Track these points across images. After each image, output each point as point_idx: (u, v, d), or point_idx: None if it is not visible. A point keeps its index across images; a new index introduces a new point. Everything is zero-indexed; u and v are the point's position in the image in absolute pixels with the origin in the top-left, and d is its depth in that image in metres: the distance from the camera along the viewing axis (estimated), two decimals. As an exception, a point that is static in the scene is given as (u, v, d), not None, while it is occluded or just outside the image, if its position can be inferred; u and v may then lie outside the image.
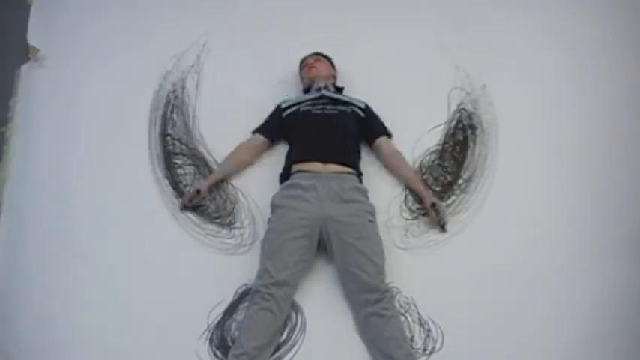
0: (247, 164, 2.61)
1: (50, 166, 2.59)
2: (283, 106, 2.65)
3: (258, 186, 2.54)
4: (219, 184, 2.56)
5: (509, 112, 2.68)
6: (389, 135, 2.63)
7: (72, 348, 2.25)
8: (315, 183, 2.36)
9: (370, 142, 2.62)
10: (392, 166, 2.58)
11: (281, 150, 2.57)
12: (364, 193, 2.43)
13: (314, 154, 2.44)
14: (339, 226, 2.30)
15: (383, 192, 2.51)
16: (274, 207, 2.39)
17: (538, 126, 2.66)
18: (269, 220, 2.39)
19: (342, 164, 2.43)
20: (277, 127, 2.62)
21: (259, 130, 2.63)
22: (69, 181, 2.57)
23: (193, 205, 2.51)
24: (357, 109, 2.61)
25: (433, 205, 2.44)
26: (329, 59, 2.76)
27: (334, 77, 2.75)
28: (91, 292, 2.36)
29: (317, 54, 2.75)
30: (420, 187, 2.49)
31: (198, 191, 2.48)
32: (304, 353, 2.22)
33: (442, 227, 2.46)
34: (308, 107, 2.58)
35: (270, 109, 2.68)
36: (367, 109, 2.64)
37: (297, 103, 2.62)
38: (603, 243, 2.43)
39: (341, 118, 2.55)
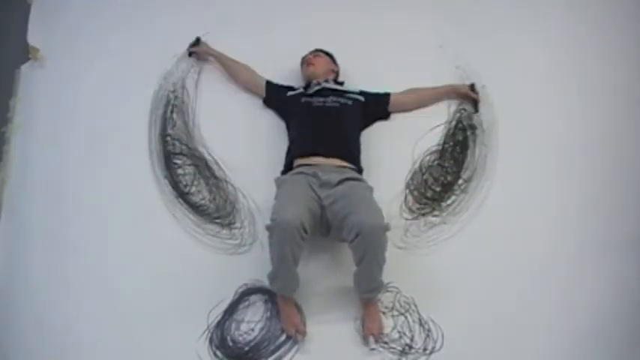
0: (237, 77, 2.73)
1: (50, 166, 2.59)
2: (295, 87, 2.68)
3: (258, 186, 2.54)
4: (220, 185, 2.56)
5: (509, 112, 2.68)
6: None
7: (71, 348, 2.26)
8: (317, 171, 2.35)
9: (385, 113, 2.67)
10: (418, 98, 2.70)
11: (281, 150, 2.57)
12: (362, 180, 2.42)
13: (315, 149, 2.43)
14: (337, 201, 2.27)
15: (383, 192, 2.50)
16: (280, 181, 2.39)
17: (538, 126, 2.66)
18: (276, 195, 2.35)
19: (343, 159, 2.43)
20: (279, 97, 2.66)
21: (268, 84, 2.69)
22: (69, 181, 2.57)
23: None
24: (356, 97, 2.62)
25: (472, 87, 2.68)
26: (329, 55, 2.75)
27: (335, 72, 2.73)
28: (90, 292, 2.36)
29: (317, 50, 2.74)
30: (453, 87, 2.69)
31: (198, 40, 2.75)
32: (304, 353, 2.23)
33: (476, 106, 2.68)
34: (309, 99, 2.58)
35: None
36: (363, 92, 2.65)
37: (303, 94, 2.62)
38: (604, 242, 2.43)
39: (342, 111, 2.55)
